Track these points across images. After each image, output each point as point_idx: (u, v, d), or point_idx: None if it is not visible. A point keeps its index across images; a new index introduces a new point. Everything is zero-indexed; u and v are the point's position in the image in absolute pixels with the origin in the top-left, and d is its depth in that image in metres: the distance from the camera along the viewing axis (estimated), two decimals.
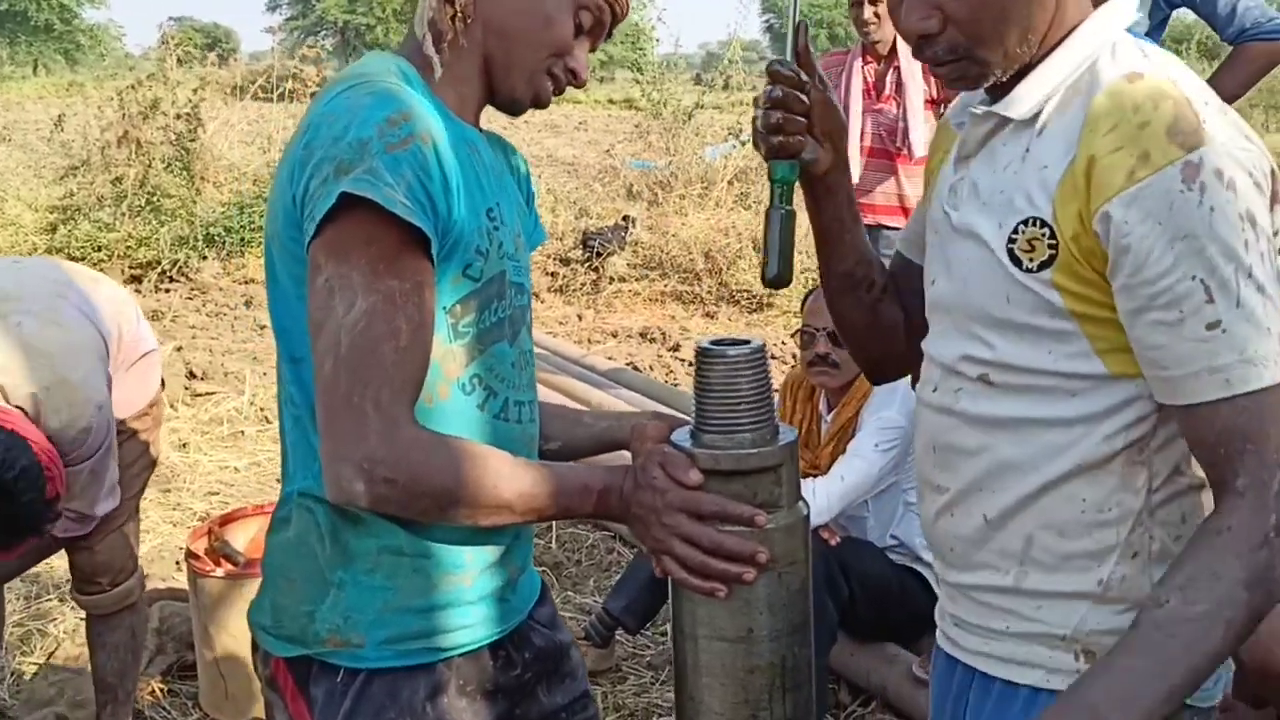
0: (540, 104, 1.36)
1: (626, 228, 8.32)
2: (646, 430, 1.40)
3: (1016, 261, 1.13)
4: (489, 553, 1.35)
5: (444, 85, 1.32)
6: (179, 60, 10.15)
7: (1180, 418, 1.09)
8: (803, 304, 3.01)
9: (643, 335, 6.84)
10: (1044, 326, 1.14)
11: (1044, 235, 1.11)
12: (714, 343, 1.26)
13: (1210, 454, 1.07)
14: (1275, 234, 1.09)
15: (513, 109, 1.37)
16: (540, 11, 1.30)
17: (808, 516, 1.29)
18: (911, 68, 4.11)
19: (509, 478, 1.22)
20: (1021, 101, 1.16)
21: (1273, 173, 1.09)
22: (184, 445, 4.87)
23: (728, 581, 1.20)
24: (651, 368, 6.12)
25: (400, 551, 1.29)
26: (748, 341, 1.26)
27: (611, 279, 7.93)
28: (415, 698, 1.31)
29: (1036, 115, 1.15)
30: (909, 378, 2.97)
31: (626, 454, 1.44)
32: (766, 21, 57.48)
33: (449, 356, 1.28)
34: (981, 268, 1.17)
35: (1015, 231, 1.13)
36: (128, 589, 2.49)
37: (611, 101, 26.47)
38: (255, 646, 1.38)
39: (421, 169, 1.17)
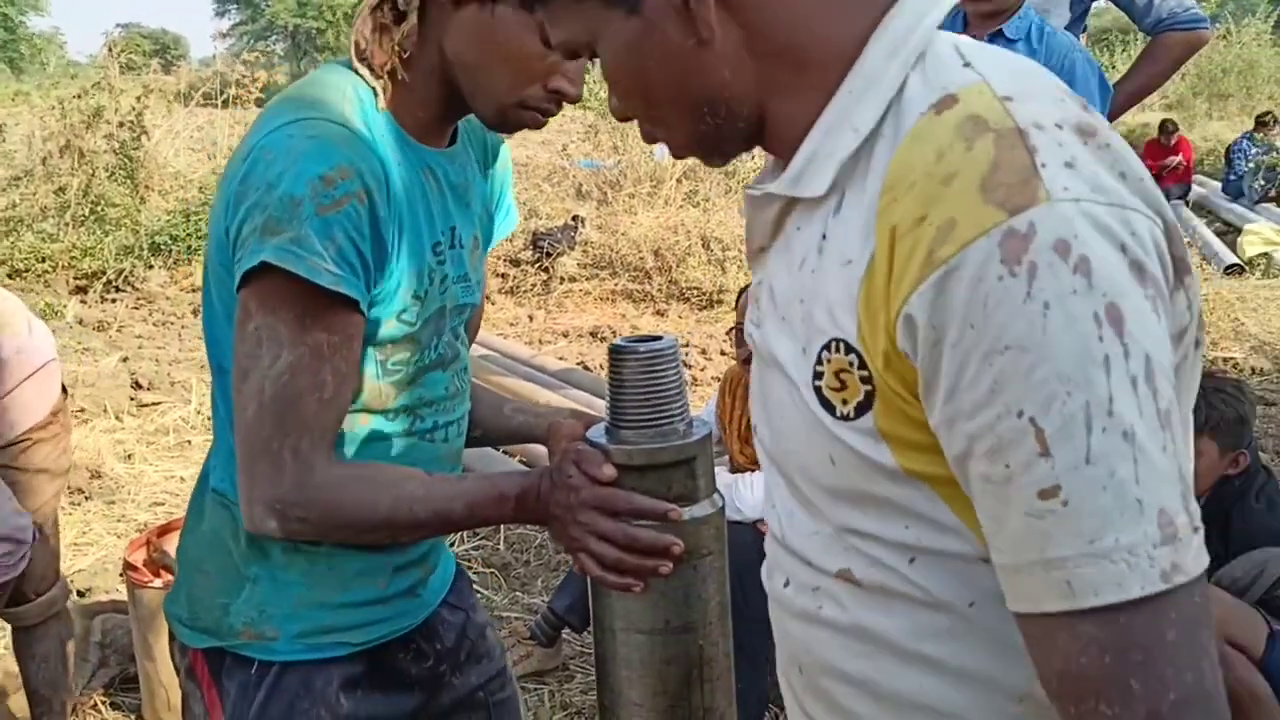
0: (531, 127, 1.29)
1: (576, 227, 8.32)
2: (562, 429, 1.41)
3: (828, 407, 0.79)
4: (404, 555, 1.36)
5: (400, 108, 1.27)
6: (127, 67, 10.02)
7: (1023, 634, 0.72)
8: (737, 301, 3.04)
9: (593, 334, 6.85)
10: (891, 498, 0.79)
11: (852, 365, 0.76)
12: (627, 340, 1.28)
13: (1060, 709, 0.70)
14: (1182, 333, 0.73)
15: (498, 131, 1.33)
16: (495, 41, 1.21)
17: (723, 508, 1.30)
18: None
19: (423, 500, 1.24)
20: (808, 174, 0.81)
21: (1169, 235, 0.72)
22: (129, 456, 4.82)
23: (643, 576, 1.21)
24: (602, 367, 6.13)
25: (316, 550, 1.30)
26: (660, 337, 1.28)
27: (562, 279, 7.93)
28: (329, 689, 1.33)
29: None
30: None
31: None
32: None
33: (376, 393, 1.29)
34: (795, 415, 0.83)
35: (820, 361, 0.78)
36: (52, 598, 2.47)
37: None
38: (172, 637, 1.39)
39: (355, 230, 1.16)
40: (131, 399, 5.50)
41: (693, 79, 0.82)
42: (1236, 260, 8.44)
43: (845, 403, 0.77)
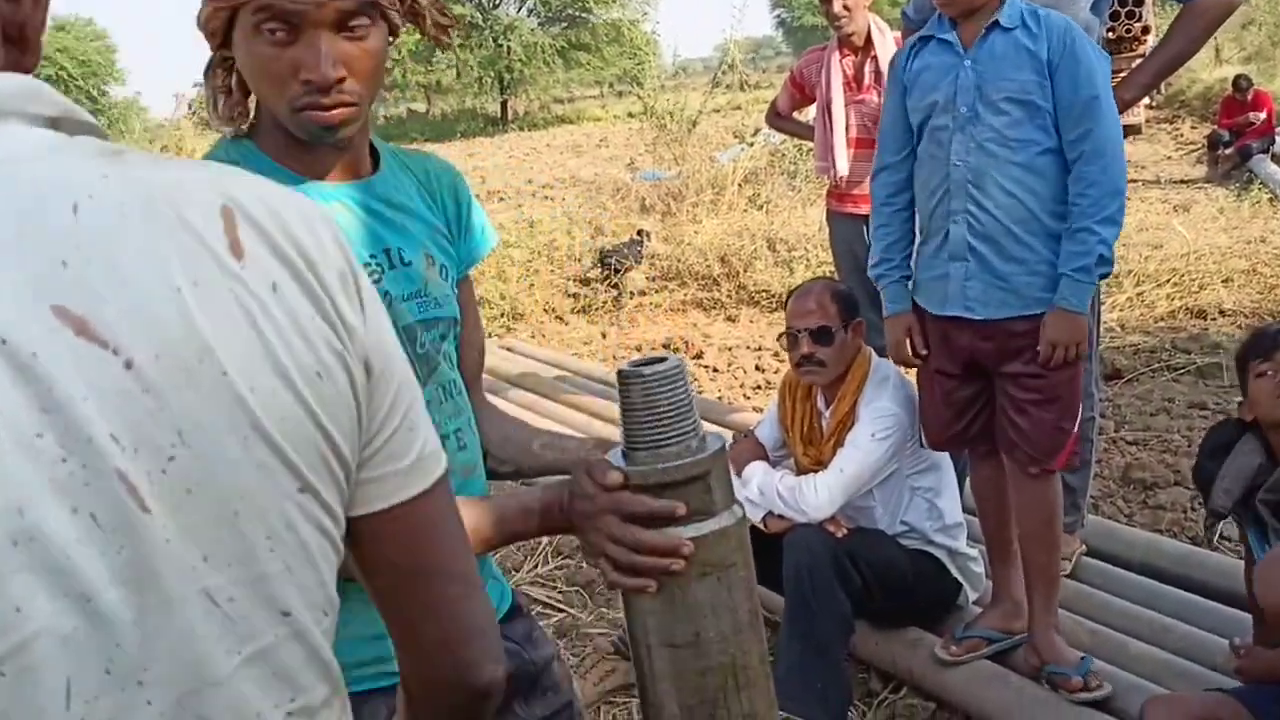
0: (326, 138, 1.28)
1: (642, 242, 8.38)
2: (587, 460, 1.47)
3: None
4: None
5: (284, 157, 1.33)
6: (207, 124, 10.33)
7: None
8: (785, 304, 3.06)
9: (666, 346, 6.89)
10: None
11: None
12: (633, 364, 1.32)
13: None
14: None
15: (314, 142, 1.31)
16: (245, 68, 1.28)
17: (743, 518, 1.34)
18: (888, 56, 4.15)
19: None
20: None
21: None
22: None
23: (655, 576, 1.25)
24: None
25: (349, 583, 1.36)
26: (665, 359, 1.32)
27: (631, 294, 7.99)
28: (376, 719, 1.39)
29: None
30: (893, 364, 3.00)
31: None
32: (777, 16, 57.28)
33: None
34: None
35: None
36: None
37: (631, 115, 26.60)
38: None
39: None
40: None
41: None
42: None
43: None
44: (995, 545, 2.93)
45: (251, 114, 1.35)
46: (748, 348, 6.65)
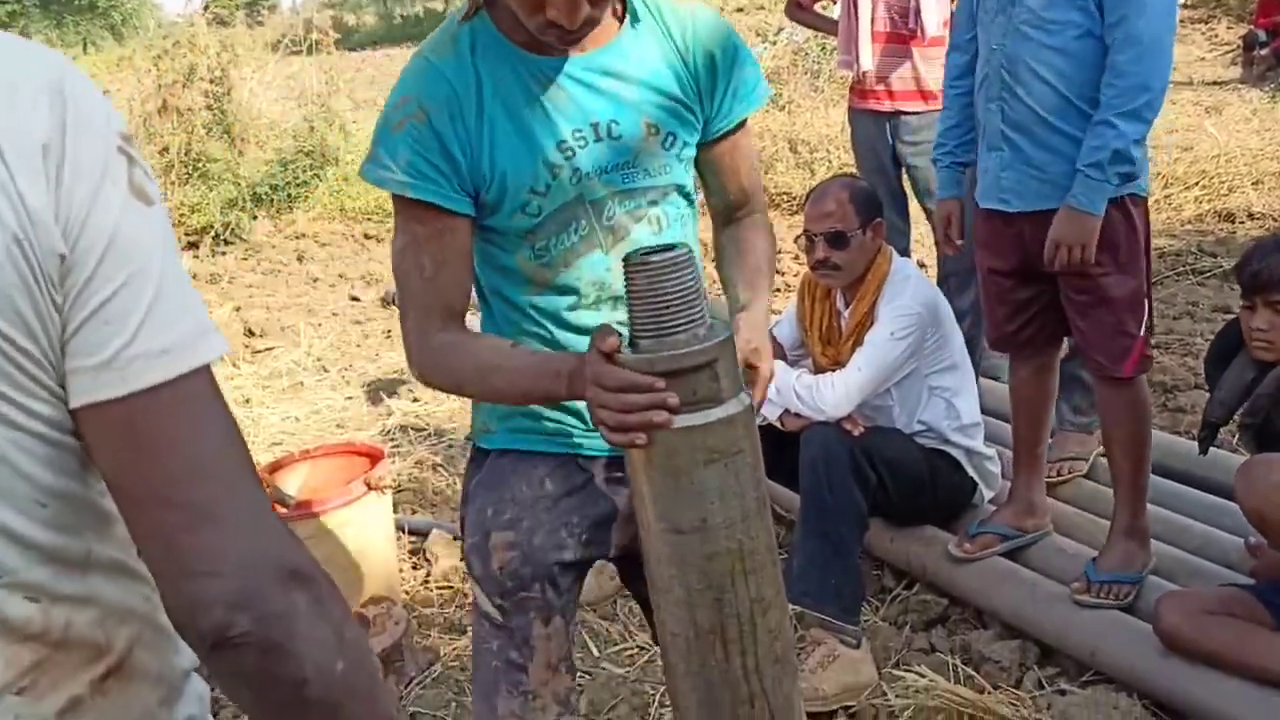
0: (559, 47, 1.45)
1: None
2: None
3: None
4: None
5: (514, 32, 1.45)
6: (221, 22, 10.15)
7: None
8: (805, 204, 3.02)
9: None
10: None
11: None
12: (640, 251, 1.30)
13: None
14: None
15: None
16: None
17: (750, 406, 1.33)
18: None
19: (497, 369, 1.47)
20: None
21: None
22: (247, 401, 5.03)
23: (643, 429, 1.26)
24: None
25: None
26: (674, 247, 1.30)
27: None
28: (534, 472, 1.62)
29: None
30: (915, 263, 2.94)
31: None
32: None
33: (534, 272, 1.55)
34: None
35: None
36: None
37: None
38: None
39: (418, 143, 1.42)
40: (246, 346, 5.73)
41: None
42: None
43: None
44: (1022, 447, 2.90)
45: None
46: None
